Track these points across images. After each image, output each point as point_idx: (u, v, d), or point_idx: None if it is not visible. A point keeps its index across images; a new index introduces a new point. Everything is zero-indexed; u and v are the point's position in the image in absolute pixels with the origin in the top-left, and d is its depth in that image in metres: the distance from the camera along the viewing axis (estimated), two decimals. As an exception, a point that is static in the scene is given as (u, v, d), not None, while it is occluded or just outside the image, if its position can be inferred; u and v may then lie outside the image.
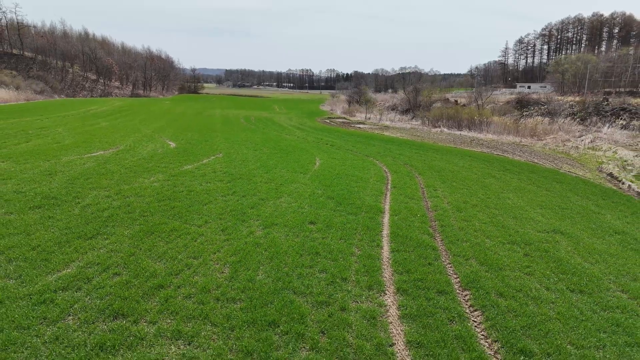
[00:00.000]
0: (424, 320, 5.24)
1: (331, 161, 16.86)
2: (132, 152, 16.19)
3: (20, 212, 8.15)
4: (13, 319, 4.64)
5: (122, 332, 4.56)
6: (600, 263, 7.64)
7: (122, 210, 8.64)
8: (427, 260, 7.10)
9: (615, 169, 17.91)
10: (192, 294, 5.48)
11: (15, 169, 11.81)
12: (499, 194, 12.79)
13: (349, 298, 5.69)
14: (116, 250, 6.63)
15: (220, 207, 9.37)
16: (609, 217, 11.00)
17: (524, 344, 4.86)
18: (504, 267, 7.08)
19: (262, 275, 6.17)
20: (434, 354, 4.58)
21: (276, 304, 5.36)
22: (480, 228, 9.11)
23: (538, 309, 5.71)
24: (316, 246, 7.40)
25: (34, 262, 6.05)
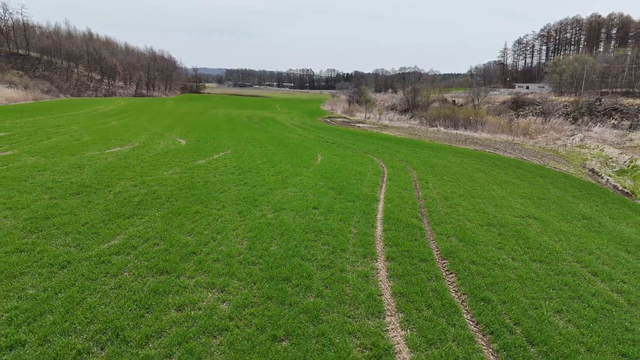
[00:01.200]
0: (407, 278, 6.50)
1: (332, 157, 18.10)
2: (147, 148, 17.44)
3: (62, 197, 9.41)
4: (82, 273, 5.90)
5: (169, 283, 5.82)
6: (563, 241, 8.90)
7: (149, 196, 9.90)
8: (414, 237, 8.36)
9: (598, 165, 19.15)
10: (219, 259, 6.74)
11: (47, 163, 13.07)
12: (485, 186, 14.04)
13: (347, 263, 6.95)
14: (151, 227, 7.89)
15: (234, 195, 10.63)
16: (581, 206, 12.27)
17: (486, 294, 6.12)
18: (479, 243, 8.33)
19: (275, 247, 7.43)
20: (413, 301, 5.84)
21: (288, 266, 6.62)
22: (463, 213, 10.37)
23: (502, 273, 6.97)
24: (319, 226, 8.66)
25: (87, 235, 7.31)
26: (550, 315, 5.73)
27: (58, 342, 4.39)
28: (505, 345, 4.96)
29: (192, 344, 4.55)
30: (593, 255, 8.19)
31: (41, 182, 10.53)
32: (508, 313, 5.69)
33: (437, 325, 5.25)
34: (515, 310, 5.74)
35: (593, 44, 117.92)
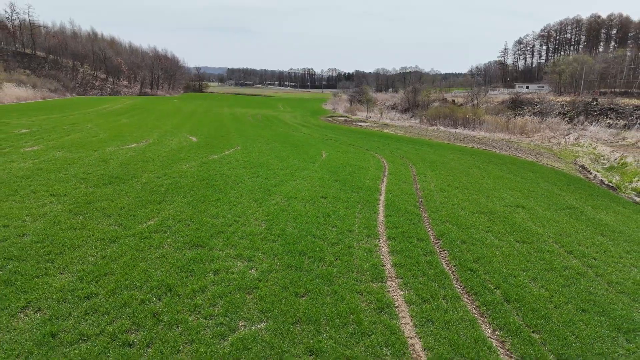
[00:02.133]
0: (405, 253, 7.56)
1: (336, 154, 19.15)
2: (162, 144, 18.49)
3: (97, 186, 10.48)
4: (130, 246, 6.96)
5: (204, 254, 6.87)
6: (545, 226, 9.95)
7: (173, 186, 10.96)
8: (412, 221, 9.41)
9: (588, 162, 20.18)
10: (244, 237, 7.79)
11: (74, 157, 14.13)
12: (479, 180, 15.09)
13: (353, 241, 8.00)
14: (181, 211, 8.95)
15: (249, 185, 11.68)
16: (567, 198, 13.31)
17: (472, 266, 7.18)
18: (470, 227, 9.38)
19: (290, 228, 8.48)
20: (410, 270, 6.89)
21: (303, 243, 7.67)
22: (457, 203, 11.41)
23: (488, 250, 8.01)
24: (328, 212, 9.71)
25: (126, 217, 8.36)
26: (526, 282, 6.78)
27: (124, 294, 5.45)
28: (485, 302, 6.01)
29: (230, 297, 5.61)
30: (571, 238, 9.24)
31: (74, 174, 11.60)
32: (490, 280, 6.74)
33: (430, 288, 6.30)
34: (497, 278, 6.80)
35: (593, 44, 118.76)
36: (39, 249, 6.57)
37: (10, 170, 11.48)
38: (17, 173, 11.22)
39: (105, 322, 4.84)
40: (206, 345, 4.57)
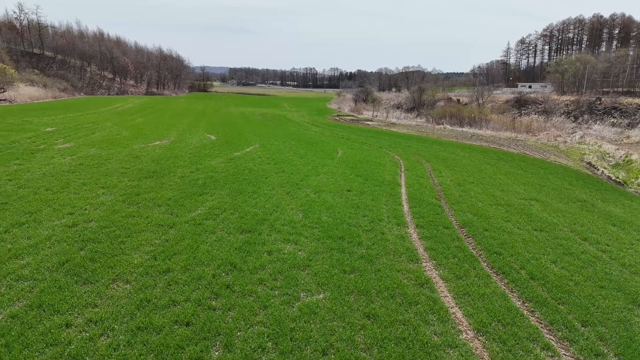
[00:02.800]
0: (434, 239, 8.26)
1: (351, 151, 19.84)
2: (184, 142, 19.21)
3: (139, 180, 11.20)
4: (187, 231, 7.67)
5: (255, 238, 7.58)
6: (560, 217, 10.64)
7: (209, 180, 11.67)
8: (436, 212, 10.11)
9: (595, 159, 20.85)
10: (285, 224, 8.50)
11: (107, 153, 14.86)
12: (492, 175, 15.77)
13: (385, 229, 8.70)
14: (223, 202, 9.66)
15: (278, 180, 12.39)
16: (577, 192, 13.99)
17: (497, 250, 7.87)
18: (490, 217, 10.07)
19: (325, 217, 9.18)
20: (441, 253, 7.58)
21: (340, 230, 8.38)
22: (475, 196, 12.10)
23: (509, 237, 8.71)
24: (356, 203, 10.42)
25: (174, 207, 9.08)
26: (547, 264, 7.47)
27: (196, 269, 6.16)
28: (512, 279, 6.71)
29: (288, 273, 6.31)
30: (584, 227, 9.93)
31: (114, 169, 12.32)
32: (515, 262, 7.43)
33: (462, 268, 7.00)
34: (520, 260, 7.49)
35: (595, 44, 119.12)
36: (108, 233, 7.29)
37: (55, 165, 12.21)
38: (62, 168, 11.95)
39: (188, 291, 5.56)
40: (278, 310, 5.28)
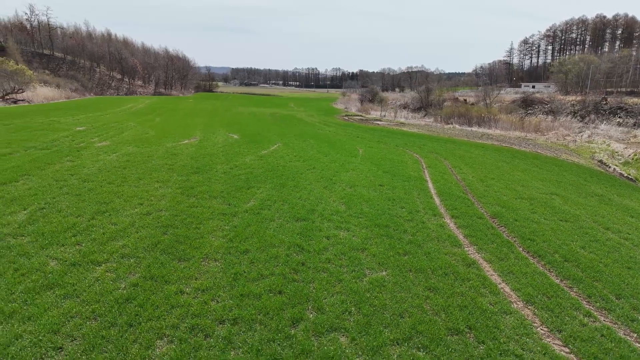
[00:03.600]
0: (471, 228, 9.02)
1: (370, 150, 20.61)
2: (211, 141, 20.00)
3: (187, 175, 11.99)
4: (249, 219, 8.45)
5: (309, 225, 8.36)
6: (581, 209, 11.39)
7: (250, 175, 12.46)
8: (466, 205, 10.87)
9: (605, 157, 21.58)
10: (333, 214, 9.28)
11: (145, 151, 15.65)
12: (510, 172, 16.53)
13: (424, 219, 9.48)
14: (271, 194, 10.44)
15: (311, 176, 13.16)
16: (593, 187, 14.75)
17: (530, 237, 8.64)
18: (517, 209, 10.84)
19: (366, 208, 9.96)
20: (480, 239, 8.34)
21: (383, 219, 9.15)
22: (498, 190, 12.87)
23: (538, 227, 9.47)
24: (391, 196, 11.19)
25: (228, 199, 9.86)
26: (577, 249, 8.24)
27: (270, 250, 6.95)
28: (549, 261, 7.48)
29: (349, 254, 7.09)
30: (605, 218, 10.69)
31: (159, 165, 13.12)
32: (547, 247, 8.20)
33: (501, 251, 7.77)
34: (552, 246, 8.26)
35: (598, 44, 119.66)
36: (181, 220, 8.08)
37: (105, 162, 13.02)
38: (112, 164, 12.76)
39: (270, 267, 6.34)
40: (351, 283, 6.06)
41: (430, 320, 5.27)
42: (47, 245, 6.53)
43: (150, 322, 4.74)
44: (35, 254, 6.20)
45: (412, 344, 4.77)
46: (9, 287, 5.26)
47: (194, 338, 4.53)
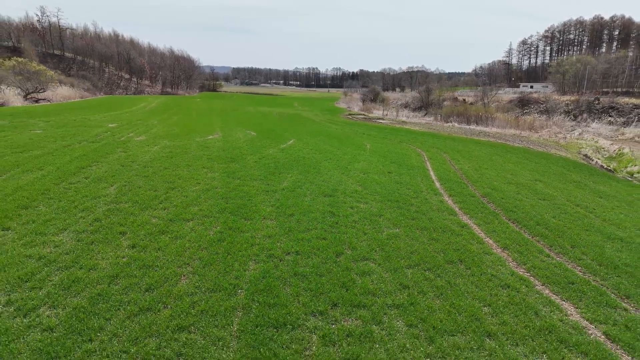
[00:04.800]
0: (464, 203, 11.15)
1: (377, 144, 22.73)
2: (233, 137, 22.10)
3: (224, 163, 14.10)
4: (288, 195, 10.58)
5: (336, 199, 10.48)
6: (558, 192, 13.53)
7: (277, 164, 14.58)
8: (462, 187, 13.01)
9: (591, 152, 23.72)
10: (353, 192, 11.39)
11: (180, 144, 17.76)
12: (502, 164, 18.66)
13: (427, 196, 11.61)
14: (299, 178, 12.56)
15: (329, 165, 15.28)
16: (574, 176, 16.89)
17: (512, 209, 10.77)
18: (504, 191, 12.97)
19: (379, 189, 12.08)
20: (472, 210, 10.47)
21: (394, 196, 11.27)
22: (490, 177, 15.00)
23: (520, 203, 11.60)
24: (398, 180, 13.32)
25: (266, 181, 11.98)
26: (549, 217, 10.37)
27: (309, 214, 9.06)
28: (524, 225, 9.60)
29: (370, 218, 9.21)
30: (578, 198, 12.84)
31: (198, 155, 15.24)
32: (525, 216, 10.33)
33: (488, 218, 9.90)
34: (529, 215, 10.39)
35: (596, 45, 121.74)
36: (235, 194, 10.21)
37: (153, 153, 15.15)
38: (159, 154, 14.89)
39: (313, 225, 8.46)
40: (374, 235, 8.18)
41: (433, 256, 7.40)
42: (144, 209, 8.66)
43: (240, 252, 6.87)
44: (139, 214, 8.34)
45: (420, 268, 6.90)
46: (134, 232, 7.39)
47: (273, 261, 6.66)
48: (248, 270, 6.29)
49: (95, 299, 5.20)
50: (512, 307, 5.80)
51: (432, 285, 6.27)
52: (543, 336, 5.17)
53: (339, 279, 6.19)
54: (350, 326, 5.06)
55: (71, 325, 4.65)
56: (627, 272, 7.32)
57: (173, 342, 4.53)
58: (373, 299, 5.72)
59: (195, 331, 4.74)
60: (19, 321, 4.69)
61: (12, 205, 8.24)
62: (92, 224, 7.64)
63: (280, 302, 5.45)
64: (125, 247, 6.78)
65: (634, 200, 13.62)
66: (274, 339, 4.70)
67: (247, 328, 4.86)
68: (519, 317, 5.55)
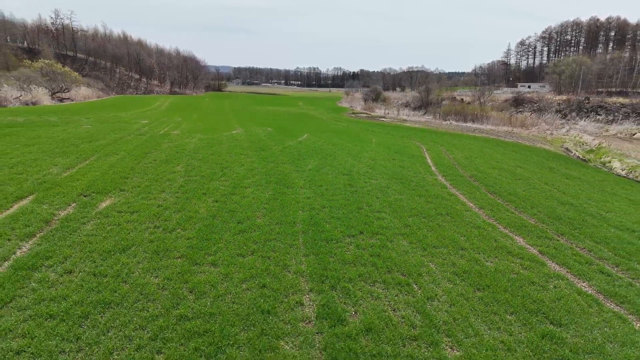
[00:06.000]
0: (454, 180, 13.99)
1: (381, 138, 25.55)
2: (253, 132, 24.92)
3: (256, 151, 16.92)
4: (314, 174, 13.41)
5: (352, 177, 13.30)
6: (533, 175, 16.36)
7: (299, 152, 17.39)
8: (453, 170, 15.84)
9: (572, 145, 26.53)
10: (365, 172, 14.21)
11: (213, 137, 20.57)
12: (490, 154, 21.50)
13: (425, 176, 14.43)
14: (320, 163, 15.39)
15: (343, 154, 18.09)
16: (550, 164, 19.73)
17: (491, 185, 13.61)
18: (488, 173, 15.80)
19: (385, 170, 14.90)
20: (460, 185, 13.30)
21: (398, 176, 14.11)
22: (478, 164, 17.83)
23: (499, 181, 14.43)
24: (401, 165, 16.15)
25: (294, 164, 14.79)
26: (520, 191, 13.18)
27: (334, 185, 11.89)
28: (500, 195, 12.43)
29: (380, 189, 12.04)
30: (548, 179, 15.67)
31: (232, 145, 18.07)
32: (501, 189, 13.14)
33: (471, 190, 12.72)
34: (505, 189, 13.21)
35: (592, 45, 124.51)
36: (273, 173, 13.03)
37: (195, 143, 17.98)
38: (200, 144, 17.72)
39: (337, 193, 11.29)
40: (384, 199, 11.00)
41: (428, 211, 10.23)
42: (210, 180, 11.50)
43: (290, 206, 9.70)
44: (209, 183, 11.17)
45: (418, 217, 9.73)
46: (212, 193, 10.21)
47: (314, 210, 9.49)
48: (299, 215, 9.13)
49: (208, 226, 8.03)
50: (480, 237, 8.63)
51: (426, 226, 9.11)
52: (497, 250, 8.00)
53: (362, 220, 9.04)
54: (373, 242, 7.90)
55: (201, 237, 7.48)
56: (567, 222, 10.16)
57: (266, 247, 7.36)
58: (386, 231, 8.55)
59: (277, 241, 7.58)
60: (167, 235, 7.51)
61: (116, 177, 11.09)
62: (179, 189, 10.49)
63: (326, 230, 8.29)
64: (210, 201, 9.62)
65: (596, 182, 16.47)
66: (326, 246, 7.53)
67: (307, 241, 7.69)
68: (483, 241, 8.38)
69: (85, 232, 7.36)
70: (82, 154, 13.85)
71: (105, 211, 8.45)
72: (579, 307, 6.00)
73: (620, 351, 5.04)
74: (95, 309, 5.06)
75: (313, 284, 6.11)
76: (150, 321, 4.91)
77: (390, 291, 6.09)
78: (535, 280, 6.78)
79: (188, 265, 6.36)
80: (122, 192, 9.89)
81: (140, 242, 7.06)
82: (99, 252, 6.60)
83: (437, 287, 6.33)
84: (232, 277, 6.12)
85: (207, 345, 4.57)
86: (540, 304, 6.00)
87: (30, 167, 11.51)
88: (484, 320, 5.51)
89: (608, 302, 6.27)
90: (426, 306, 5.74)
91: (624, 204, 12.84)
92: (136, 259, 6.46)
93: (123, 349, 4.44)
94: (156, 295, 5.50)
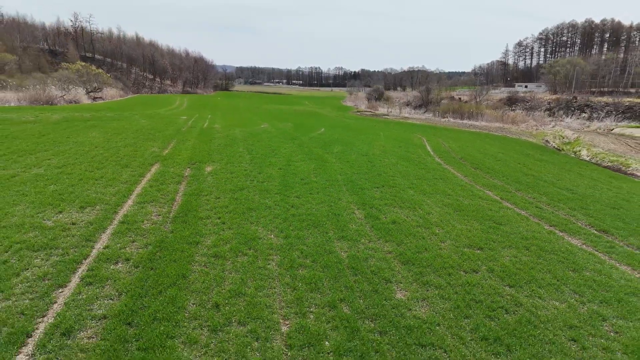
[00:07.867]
0: (447, 161, 18.23)
1: (388, 133, 29.79)
2: (278, 127, 29.13)
3: (289, 140, 21.14)
4: (341, 155, 17.66)
5: (368, 157, 17.56)
6: (511, 159, 20.60)
7: (324, 141, 21.61)
8: (448, 155, 20.09)
9: (551, 138, 30.76)
10: (378, 155, 18.44)
11: (245, 131, 24.80)
12: (480, 145, 25.75)
13: (425, 158, 18.67)
14: (344, 148, 19.59)
15: (359, 143, 22.31)
16: (528, 151, 23.98)
17: (476, 163, 17.86)
18: (475, 156, 20.04)
19: (395, 154, 19.13)
20: (453, 164, 17.54)
21: (404, 157, 18.34)
22: (468, 150, 22.07)
23: (483, 162, 18.67)
24: (407, 150, 20.38)
25: (324, 149, 19.01)
26: (497, 167, 17.42)
27: (357, 162, 16.13)
28: (481, 168, 16.66)
29: (392, 165, 16.28)
30: (521, 160, 19.92)
31: (270, 136, 22.30)
32: (482, 165, 17.38)
33: (460, 167, 16.95)
34: (485, 165, 17.44)
35: (587, 46, 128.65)
36: (311, 153, 17.25)
37: (239, 134, 22.21)
38: (244, 135, 21.95)
39: (361, 166, 15.55)
40: (395, 169, 15.24)
41: (426, 175, 14.46)
42: (268, 157, 15.74)
43: (330, 172, 13.94)
44: (268, 159, 15.41)
45: (419, 180, 13.96)
46: (275, 164, 14.46)
47: (348, 175, 13.72)
48: (338, 177, 13.37)
49: (284, 181, 12.27)
50: (462, 189, 12.86)
51: (426, 184, 13.35)
52: (472, 196, 12.23)
53: (380, 181, 13.29)
54: (391, 190, 12.14)
55: (283, 185, 11.73)
56: (525, 184, 14.40)
57: (324, 191, 11.61)
58: (397, 185, 12.79)
59: (330, 189, 11.82)
60: (262, 185, 11.74)
61: (202, 154, 15.33)
62: (251, 161, 14.73)
63: (359, 184, 12.53)
64: (276, 169, 13.86)
65: (561, 164, 20.71)
66: (361, 192, 11.76)
67: (349, 188, 11.94)
68: (463, 191, 12.61)
69: (210, 181, 11.61)
70: (163, 140, 18.10)
71: (213, 172, 12.71)
72: (515, 219, 10.25)
73: (532, 236, 9.27)
74: (245, 211, 9.30)
75: (358, 206, 10.37)
76: (276, 216, 9.16)
77: (403, 210, 10.35)
78: (492, 208, 11.03)
79: (284, 197, 10.62)
80: (214, 162, 14.14)
81: (248, 187, 11.32)
82: (227, 190, 10.86)
83: (431, 210, 10.58)
84: (310, 202, 10.38)
85: (312, 227, 8.81)
86: (491, 214, 10.27)
87: (138, 148, 15.77)
88: (458, 221, 9.75)
89: (534, 219, 10.52)
90: (425, 216, 10.00)
91: (574, 176, 17.09)
92: (251, 193, 10.72)
93: (265, 230, 8.69)
94: (274, 206, 9.75)
